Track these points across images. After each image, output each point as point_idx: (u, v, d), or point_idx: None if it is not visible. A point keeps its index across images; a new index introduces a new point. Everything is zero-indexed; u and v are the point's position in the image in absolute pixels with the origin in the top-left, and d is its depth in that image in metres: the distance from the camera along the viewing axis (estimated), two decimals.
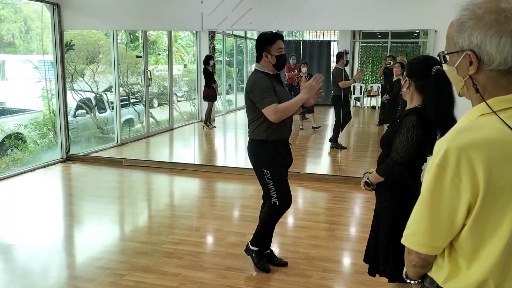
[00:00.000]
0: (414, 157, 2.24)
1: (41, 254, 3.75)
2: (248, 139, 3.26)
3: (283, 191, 3.24)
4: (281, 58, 3.15)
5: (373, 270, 2.45)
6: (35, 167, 6.29)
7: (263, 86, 3.06)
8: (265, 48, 3.12)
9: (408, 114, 2.22)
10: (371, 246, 2.45)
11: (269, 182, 3.20)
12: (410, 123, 2.18)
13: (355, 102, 8.30)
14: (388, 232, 2.31)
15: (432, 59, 2.27)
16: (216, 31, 7.45)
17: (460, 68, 1.16)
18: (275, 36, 3.13)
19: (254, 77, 3.14)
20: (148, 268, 3.42)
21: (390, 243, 2.29)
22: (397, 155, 2.22)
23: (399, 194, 2.30)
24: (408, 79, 2.25)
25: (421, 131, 2.18)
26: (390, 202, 2.34)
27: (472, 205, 1.08)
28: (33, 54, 8.24)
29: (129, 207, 5.08)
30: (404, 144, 2.19)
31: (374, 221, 2.45)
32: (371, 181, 2.40)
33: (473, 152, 1.05)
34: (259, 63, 3.18)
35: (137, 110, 8.31)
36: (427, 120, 2.19)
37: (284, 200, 3.25)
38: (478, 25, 1.09)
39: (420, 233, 1.15)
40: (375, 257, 2.41)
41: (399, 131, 2.22)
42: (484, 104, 1.12)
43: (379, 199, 2.44)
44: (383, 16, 5.39)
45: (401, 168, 2.24)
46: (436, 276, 1.21)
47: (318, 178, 5.87)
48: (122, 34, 7.87)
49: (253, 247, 3.42)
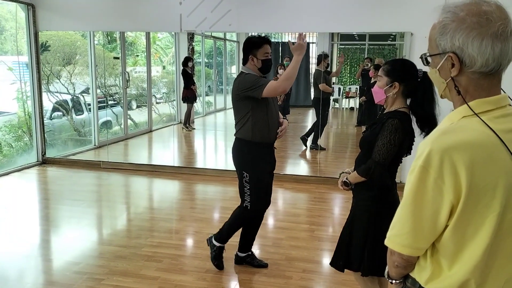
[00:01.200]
0: (393, 158, 2.30)
1: (17, 259, 3.66)
2: (234, 138, 3.27)
3: (257, 196, 3.25)
4: (267, 63, 3.18)
5: (344, 265, 2.50)
6: (10, 171, 6.14)
7: (253, 77, 3.09)
8: (251, 51, 3.14)
9: (390, 117, 2.27)
10: (344, 242, 2.49)
11: (246, 185, 3.22)
12: (393, 125, 2.24)
13: (334, 103, 8.38)
14: (365, 230, 2.37)
15: (409, 61, 2.35)
16: (195, 32, 7.41)
17: (442, 70, 1.17)
18: (262, 40, 3.15)
19: (241, 76, 3.16)
20: (127, 272, 3.38)
21: (366, 239, 2.35)
22: (380, 156, 2.27)
23: (378, 193, 2.36)
24: (398, 84, 2.28)
25: (402, 134, 2.25)
26: (368, 201, 2.39)
27: (454, 207, 1.09)
28: (7, 55, 8.05)
29: (108, 211, 5.01)
30: (387, 146, 2.25)
31: (349, 219, 2.51)
32: (350, 181, 2.44)
33: (455, 154, 1.06)
34: (245, 66, 3.19)
35: (115, 112, 8.20)
36: (407, 123, 2.27)
37: (255, 206, 3.27)
38: (460, 27, 1.10)
39: (403, 235, 1.16)
40: (348, 253, 2.45)
41: (381, 133, 2.27)
42: (466, 106, 1.13)
43: (357, 198, 2.48)
44: (361, 18, 5.46)
45: (382, 169, 2.29)
46: (418, 276, 1.22)
47: (298, 179, 5.90)
48: (100, 35, 7.76)
49: (216, 242, 3.44)
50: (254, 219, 3.44)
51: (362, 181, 2.37)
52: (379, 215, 2.31)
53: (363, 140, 2.44)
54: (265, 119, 3.17)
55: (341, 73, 8.26)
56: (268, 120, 3.19)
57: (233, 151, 3.30)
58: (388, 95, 2.31)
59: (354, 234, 2.44)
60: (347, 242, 2.46)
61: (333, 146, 7.99)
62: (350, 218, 2.51)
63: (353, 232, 2.44)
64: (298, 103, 8.69)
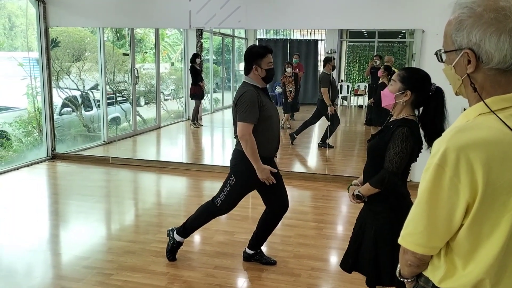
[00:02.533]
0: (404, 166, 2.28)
1: (26, 253, 3.69)
2: (234, 149, 3.30)
3: (231, 202, 3.33)
4: (271, 72, 3.19)
5: (374, 282, 2.41)
6: (20, 166, 6.19)
7: (250, 100, 3.08)
8: (255, 61, 3.13)
9: (400, 125, 2.24)
10: (369, 258, 2.38)
11: (227, 186, 3.28)
12: (404, 134, 2.21)
13: (342, 101, 8.34)
14: (390, 242, 2.25)
15: (426, 73, 2.32)
16: (204, 29, 7.41)
17: (458, 66, 1.16)
18: (265, 50, 3.16)
19: (243, 89, 3.15)
20: (135, 267, 3.39)
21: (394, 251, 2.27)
22: (393, 166, 2.24)
23: (395, 203, 2.31)
24: (410, 92, 2.26)
25: (412, 142, 2.23)
26: (386, 212, 2.33)
27: (470, 205, 1.07)
28: (17, 51, 8.12)
29: (116, 206, 5.04)
30: (400, 155, 2.22)
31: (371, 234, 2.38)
32: (362, 193, 2.38)
33: (472, 152, 1.04)
34: (248, 76, 3.19)
35: (124, 108, 8.24)
36: (417, 131, 2.25)
37: (224, 208, 3.37)
38: (477, 23, 1.08)
39: (417, 233, 1.15)
40: (377, 270, 2.36)
41: (392, 142, 2.24)
42: (482, 104, 1.11)
43: (373, 211, 2.40)
44: (371, 15, 5.42)
45: (395, 178, 2.26)
46: (431, 275, 1.21)
47: (306, 177, 5.89)
48: (109, 31, 7.79)
49: (177, 235, 3.47)
50: (272, 220, 3.44)
51: (376, 193, 2.32)
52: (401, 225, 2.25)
53: (371, 148, 2.40)
54: (265, 134, 3.17)
55: (349, 70, 8.24)
56: (269, 135, 3.21)
57: (231, 158, 3.33)
58: (398, 101, 2.28)
59: (380, 249, 2.34)
60: (374, 259, 2.36)
61: (341, 144, 7.97)
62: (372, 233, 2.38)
63: (378, 247, 2.35)
64: (306, 100, 8.67)
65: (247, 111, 3.06)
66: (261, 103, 3.12)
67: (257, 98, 3.09)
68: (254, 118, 3.07)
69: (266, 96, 3.25)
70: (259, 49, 3.19)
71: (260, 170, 3.13)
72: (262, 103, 3.12)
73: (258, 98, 3.10)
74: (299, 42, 8.73)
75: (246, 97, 3.08)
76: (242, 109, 3.08)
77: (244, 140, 3.08)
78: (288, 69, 7.67)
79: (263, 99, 3.15)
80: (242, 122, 3.08)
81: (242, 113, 3.08)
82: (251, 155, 3.10)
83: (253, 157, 3.11)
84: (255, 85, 3.16)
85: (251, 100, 3.07)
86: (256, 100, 3.09)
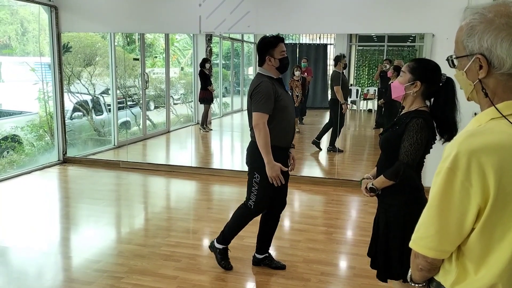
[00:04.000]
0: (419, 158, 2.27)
1: (37, 256, 3.73)
2: (250, 141, 3.25)
3: (263, 199, 3.25)
4: (284, 61, 3.15)
5: (384, 275, 2.41)
6: (32, 170, 6.26)
7: (266, 91, 3.05)
8: (268, 51, 3.11)
9: (414, 117, 2.22)
10: (380, 252, 2.39)
11: (255, 185, 3.22)
12: (418, 125, 2.19)
13: (352, 105, 8.32)
14: (401, 236, 2.26)
15: (437, 64, 2.30)
16: (214, 34, 7.45)
17: (470, 72, 1.16)
18: (277, 39, 3.14)
19: (258, 80, 3.13)
20: (145, 271, 3.41)
21: (404, 246, 2.26)
22: (408, 157, 2.21)
23: (411, 197, 2.28)
24: (420, 83, 2.24)
25: (427, 133, 2.21)
26: (401, 205, 2.31)
27: (481, 210, 1.08)
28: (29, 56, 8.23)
29: (126, 210, 5.07)
30: (415, 146, 2.20)
31: (381, 227, 2.39)
32: (376, 186, 2.35)
33: (483, 156, 1.05)
34: (262, 67, 3.17)
35: (134, 112, 8.30)
36: (431, 123, 2.23)
37: (259, 207, 3.28)
38: (488, 28, 1.09)
39: (428, 237, 1.15)
40: (388, 263, 2.37)
41: (407, 134, 2.22)
42: (494, 108, 1.12)
43: (387, 203, 2.38)
44: (380, 19, 5.41)
45: (411, 170, 2.24)
46: (443, 280, 1.21)
47: (315, 181, 5.88)
48: (119, 36, 7.87)
49: (218, 244, 3.44)
50: (269, 221, 3.44)
51: (390, 185, 2.30)
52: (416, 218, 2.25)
53: (385, 141, 2.38)
54: (281, 124, 3.15)
55: (359, 74, 8.23)
56: (285, 125, 3.18)
57: (247, 151, 3.29)
58: (408, 92, 2.27)
59: (391, 242, 2.34)
60: (385, 252, 2.37)
61: (350, 148, 7.94)
62: (381, 226, 2.39)
63: (389, 240, 2.35)
64: (315, 105, 8.67)
65: (262, 102, 3.04)
66: (277, 93, 3.09)
67: (272, 89, 3.07)
68: (269, 109, 3.05)
69: (282, 86, 3.22)
70: (271, 38, 3.16)
71: (270, 165, 3.06)
72: (277, 94, 3.09)
73: (273, 89, 3.08)
74: (308, 47, 8.73)
75: (262, 87, 3.06)
76: (257, 100, 3.06)
77: (258, 129, 3.05)
78: (296, 72, 7.67)
79: (279, 90, 3.12)
80: (257, 112, 3.05)
81: (258, 103, 3.05)
82: (263, 145, 3.05)
83: (265, 149, 3.05)
84: (270, 75, 3.14)
85: (266, 91, 3.05)
86: (272, 91, 3.06)
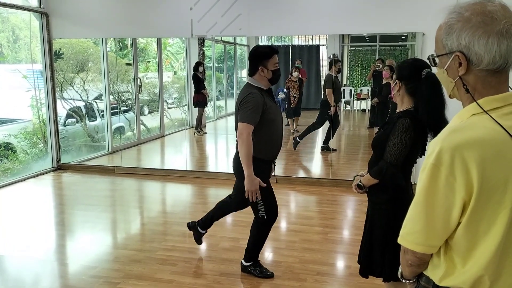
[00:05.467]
0: (406, 158, 2.27)
1: (33, 264, 3.71)
2: (235, 152, 3.18)
3: (269, 203, 3.22)
4: (277, 73, 3.11)
5: (366, 271, 2.47)
6: (26, 177, 6.24)
7: (254, 102, 3.00)
8: (261, 62, 3.05)
9: (401, 117, 2.25)
10: (365, 248, 2.46)
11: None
12: (404, 125, 2.22)
13: (345, 105, 8.35)
14: (383, 233, 2.33)
15: (421, 62, 2.30)
16: (206, 37, 7.46)
17: (450, 69, 1.19)
18: (272, 51, 3.08)
19: (248, 91, 3.06)
20: (142, 276, 3.40)
21: (386, 243, 2.31)
22: (391, 157, 2.25)
23: (394, 195, 2.32)
24: (399, 82, 2.29)
25: (413, 133, 2.22)
26: (384, 203, 2.36)
27: (466, 204, 1.10)
28: (21, 63, 8.19)
29: (122, 215, 5.06)
30: (398, 146, 2.22)
31: (368, 223, 2.47)
32: (363, 183, 2.41)
33: (466, 151, 1.07)
34: (253, 77, 3.10)
35: (127, 117, 8.28)
36: (419, 122, 2.24)
37: (271, 212, 3.25)
38: (465, 26, 1.12)
39: (416, 232, 1.17)
40: (369, 259, 2.42)
41: (392, 133, 2.25)
42: (475, 104, 1.14)
43: (372, 201, 2.45)
44: (371, 19, 5.45)
45: (394, 169, 2.26)
46: (432, 274, 1.23)
47: (310, 182, 5.89)
48: (111, 42, 7.85)
49: (247, 263, 3.41)
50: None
51: (376, 183, 2.34)
52: (397, 218, 2.28)
53: (375, 140, 2.42)
54: (268, 136, 3.11)
55: (352, 74, 8.27)
56: (272, 137, 3.15)
57: (234, 165, 3.21)
58: (394, 93, 2.32)
59: (374, 239, 2.40)
60: (368, 248, 2.43)
61: (345, 148, 7.97)
62: (368, 223, 2.47)
63: (372, 237, 2.41)
64: (309, 106, 8.69)
65: (248, 112, 2.98)
66: (266, 105, 3.04)
67: (261, 101, 3.02)
68: (254, 121, 2.99)
69: (271, 98, 3.17)
70: (265, 49, 3.11)
71: (250, 178, 2.99)
72: (266, 106, 3.04)
73: (262, 101, 3.03)
74: (301, 48, 8.76)
75: (251, 98, 3.00)
76: (244, 110, 2.99)
77: (241, 140, 2.98)
78: (294, 73, 7.70)
79: (268, 102, 3.08)
80: (242, 123, 2.99)
81: (244, 114, 2.99)
82: (244, 157, 2.97)
83: (246, 161, 2.98)
84: (260, 87, 3.09)
85: (255, 102, 2.99)
86: (261, 103, 3.01)
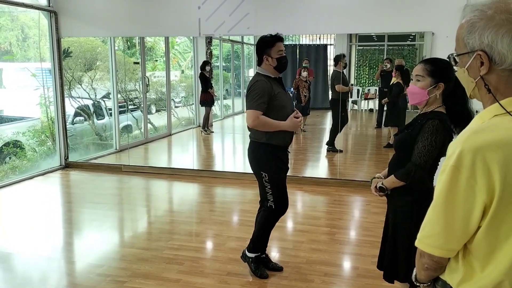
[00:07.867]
0: (433, 160, 2.24)
1: (41, 262, 3.73)
2: (249, 141, 3.26)
3: (280, 194, 3.24)
4: (282, 60, 3.14)
5: (391, 276, 2.41)
6: (34, 175, 6.27)
7: (261, 89, 3.06)
8: (265, 51, 3.11)
9: (430, 118, 2.20)
10: (390, 253, 2.39)
11: (267, 185, 3.20)
12: (434, 127, 2.17)
13: (353, 105, 8.32)
14: (409, 237, 2.23)
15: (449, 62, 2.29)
16: (213, 36, 7.46)
17: (471, 69, 1.16)
18: (274, 39, 3.12)
19: (254, 79, 3.15)
20: (149, 275, 3.41)
21: (411, 247, 2.25)
22: (420, 159, 2.19)
23: (420, 198, 2.25)
24: (443, 84, 2.22)
25: (443, 135, 2.18)
26: (411, 206, 2.29)
27: (487, 207, 1.07)
28: (30, 61, 8.25)
29: (129, 214, 5.07)
30: (428, 148, 2.18)
31: (390, 228, 2.39)
32: (386, 186, 2.34)
33: (488, 153, 1.04)
34: (260, 67, 3.18)
35: (135, 116, 8.31)
36: (446, 124, 2.20)
37: (280, 204, 3.25)
38: (488, 25, 1.09)
39: (434, 235, 1.14)
40: (394, 264, 2.36)
41: (421, 135, 2.20)
42: (497, 105, 1.11)
43: (394, 203, 2.38)
44: (380, 19, 5.41)
45: (423, 172, 2.21)
46: (449, 278, 1.20)
47: (317, 182, 5.87)
48: (119, 40, 7.88)
49: (250, 253, 3.40)
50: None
51: (400, 186, 2.28)
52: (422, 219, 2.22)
53: (399, 142, 2.37)
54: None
55: (359, 74, 8.24)
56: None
57: (248, 154, 3.28)
58: (431, 95, 2.25)
59: (398, 243, 2.33)
60: (392, 252, 2.36)
61: (352, 148, 7.93)
62: (390, 228, 2.39)
63: (396, 241, 2.34)
64: (316, 105, 8.67)
65: (255, 99, 3.05)
66: (273, 92, 3.08)
67: (268, 88, 3.07)
68: (261, 107, 3.05)
69: (280, 86, 3.21)
70: (268, 37, 3.15)
71: (287, 125, 3.10)
72: (274, 93, 3.09)
73: (269, 88, 3.07)
74: (308, 47, 8.74)
75: (257, 86, 3.07)
76: (251, 97, 3.07)
77: (255, 126, 3.07)
78: (304, 73, 7.69)
79: (276, 89, 3.12)
80: (250, 110, 3.07)
81: (250, 101, 3.07)
82: (271, 127, 3.07)
83: (275, 126, 3.08)
84: (268, 75, 3.14)
85: (261, 90, 3.05)
86: (267, 90, 3.06)
